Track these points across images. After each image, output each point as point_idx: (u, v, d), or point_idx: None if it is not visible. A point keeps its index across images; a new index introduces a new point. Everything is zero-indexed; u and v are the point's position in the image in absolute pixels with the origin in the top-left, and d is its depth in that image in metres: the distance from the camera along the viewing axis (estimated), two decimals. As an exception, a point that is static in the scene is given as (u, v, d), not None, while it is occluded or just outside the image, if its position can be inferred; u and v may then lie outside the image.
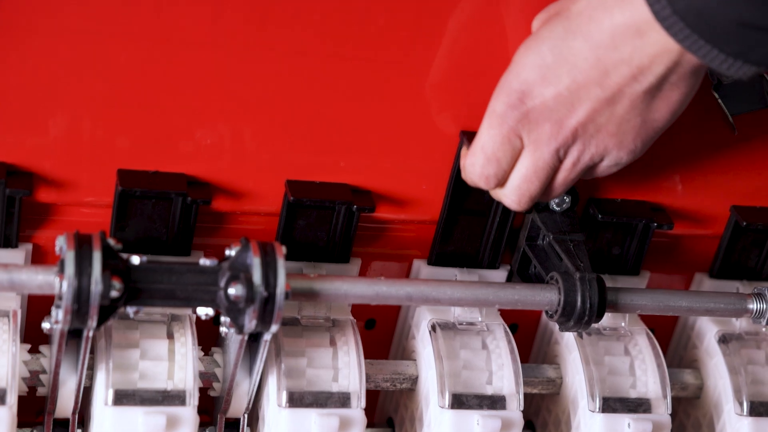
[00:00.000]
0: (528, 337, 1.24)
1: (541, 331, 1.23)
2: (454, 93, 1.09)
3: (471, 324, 1.13)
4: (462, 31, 1.06)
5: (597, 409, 1.11)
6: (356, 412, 1.07)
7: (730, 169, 1.19)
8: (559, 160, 0.99)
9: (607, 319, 1.15)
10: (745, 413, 1.15)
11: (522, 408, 1.10)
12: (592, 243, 1.18)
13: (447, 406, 1.08)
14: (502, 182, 1.02)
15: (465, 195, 1.12)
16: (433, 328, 1.12)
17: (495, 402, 1.09)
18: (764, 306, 1.09)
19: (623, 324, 1.16)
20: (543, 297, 1.05)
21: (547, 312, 1.06)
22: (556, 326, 1.09)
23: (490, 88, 1.08)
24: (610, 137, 0.97)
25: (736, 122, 1.10)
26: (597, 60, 0.93)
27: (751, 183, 1.20)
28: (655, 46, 0.91)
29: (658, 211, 1.18)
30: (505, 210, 1.13)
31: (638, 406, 1.12)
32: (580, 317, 1.04)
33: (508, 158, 1.00)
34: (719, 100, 1.09)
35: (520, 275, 1.16)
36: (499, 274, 1.17)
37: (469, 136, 1.07)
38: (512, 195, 1.02)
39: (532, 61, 0.95)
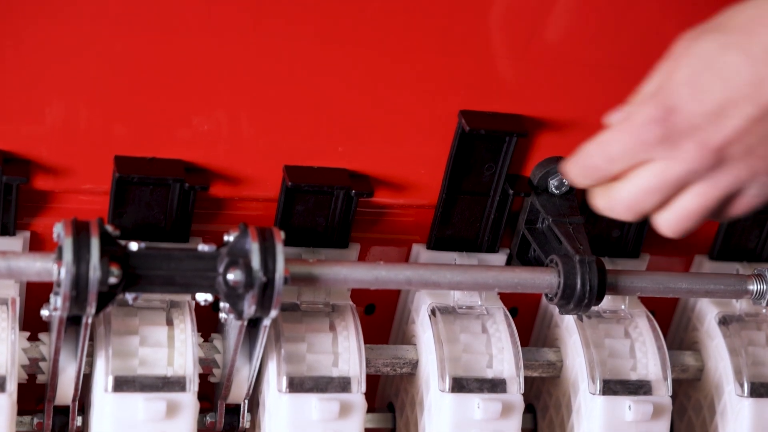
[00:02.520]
0: (528, 321, 1.24)
1: (541, 314, 1.23)
2: (452, 76, 1.08)
3: (471, 308, 1.13)
4: (459, 13, 1.06)
5: (597, 392, 1.11)
6: (356, 396, 1.07)
7: (729, 151, 1.19)
8: (694, 180, 0.91)
9: (607, 301, 1.15)
10: (745, 394, 1.15)
11: (522, 391, 1.10)
12: (592, 226, 1.18)
13: (447, 390, 1.08)
14: (602, 182, 0.95)
15: (463, 178, 1.12)
16: (433, 312, 1.12)
17: (495, 385, 1.09)
18: (764, 287, 1.09)
19: (623, 306, 1.16)
20: (543, 280, 1.05)
21: (546, 295, 1.06)
22: (556, 309, 1.09)
23: (488, 70, 1.08)
24: (758, 160, 0.90)
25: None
26: (753, 75, 0.87)
27: (750, 164, 1.20)
28: None
29: (658, 194, 1.17)
30: (504, 193, 1.12)
31: (639, 388, 1.12)
32: (580, 300, 1.04)
33: (625, 165, 0.92)
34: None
35: (520, 259, 1.16)
36: (499, 258, 1.17)
37: (467, 116, 1.07)
38: (626, 200, 0.93)
39: (683, 76, 0.89)
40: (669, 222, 0.94)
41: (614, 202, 0.94)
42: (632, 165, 0.92)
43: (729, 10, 0.90)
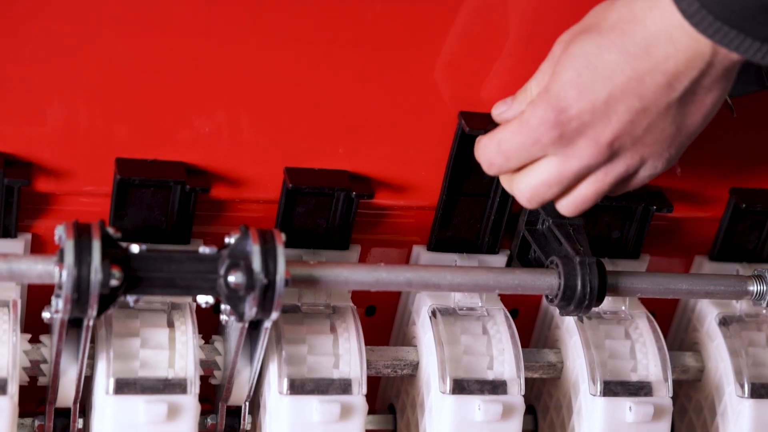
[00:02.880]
0: (528, 322, 1.24)
1: (541, 315, 1.23)
2: (452, 77, 1.08)
3: (471, 309, 1.13)
4: (460, 14, 1.06)
5: (598, 393, 1.11)
6: (357, 398, 1.07)
7: (729, 152, 1.19)
8: (589, 172, 0.98)
9: (608, 302, 1.15)
10: (746, 395, 1.15)
11: (523, 392, 1.10)
12: (592, 227, 1.18)
13: (448, 391, 1.08)
14: (505, 173, 1.01)
15: (463, 180, 1.12)
16: (434, 313, 1.12)
17: (496, 387, 1.09)
18: (764, 288, 1.09)
19: (624, 308, 1.16)
20: (543, 281, 1.05)
21: (547, 296, 1.06)
22: (557, 310, 1.09)
23: (489, 71, 1.08)
24: (645, 147, 0.97)
25: (734, 104, 1.10)
26: (633, 71, 0.93)
27: (750, 165, 1.20)
28: (688, 51, 0.91)
29: (658, 195, 1.18)
30: (504, 194, 1.12)
31: (639, 389, 1.12)
32: (581, 301, 1.04)
33: (521, 161, 0.99)
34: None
35: (520, 260, 1.16)
36: (499, 259, 1.17)
37: (467, 117, 1.07)
38: (526, 192, 1.00)
39: (568, 77, 0.94)
40: (568, 206, 1.01)
41: (515, 192, 1.01)
42: (529, 160, 0.98)
43: (598, 10, 0.96)
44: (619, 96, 0.94)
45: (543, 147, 0.96)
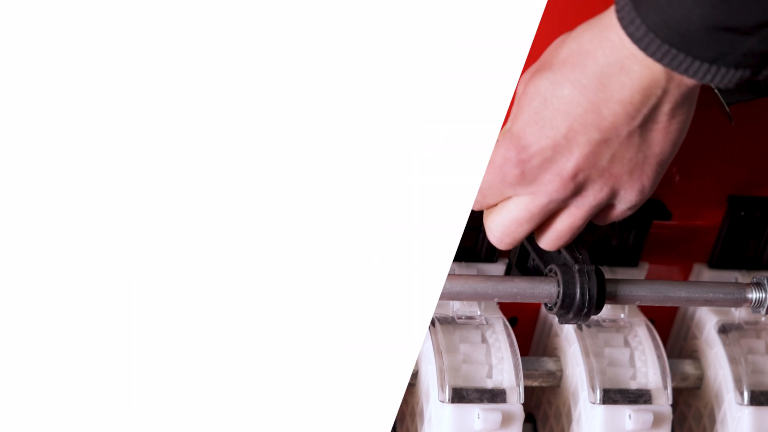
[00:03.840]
0: (527, 330, 1.23)
1: (540, 323, 1.23)
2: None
3: (470, 318, 1.13)
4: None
5: (598, 401, 1.11)
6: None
7: (728, 159, 1.19)
8: (559, 207, 0.99)
9: (607, 310, 1.15)
10: (745, 403, 1.15)
11: (522, 401, 1.10)
12: (591, 235, 1.17)
13: (447, 400, 1.08)
14: (486, 208, 1.02)
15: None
16: (432, 322, 1.12)
17: (495, 395, 1.09)
18: (763, 295, 1.09)
19: (623, 315, 1.16)
20: (542, 290, 1.05)
21: (546, 304, 1.06)
22: (556, 319, 1.09)
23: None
24: (613, 178, 0.97)
25: (732, 112, 1.10)
26: (588, 103, 0.93)
27: (748, 172, 1.20)
28: (642, 80, 0.92)
29: (656, 202, 1.18)
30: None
31: (639, 397, 1.12)
32: (580, 309, 1.04)
33: (495, 199, 1.00)
34: (715, 90, 1.08)
35: (519, 268, 1.15)
36: (498, 268, 1.17)
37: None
38: (497, 232, 1.01)
39: (527, 116, 0.95)
40: (547, 242, 1.02)
41: (486, 231, 1.02)
42: (502, 198, 0.99)
43: (553, 47, 0.97)
44: (579, 129, 0.94)
45: (510, 185, 0.97)
